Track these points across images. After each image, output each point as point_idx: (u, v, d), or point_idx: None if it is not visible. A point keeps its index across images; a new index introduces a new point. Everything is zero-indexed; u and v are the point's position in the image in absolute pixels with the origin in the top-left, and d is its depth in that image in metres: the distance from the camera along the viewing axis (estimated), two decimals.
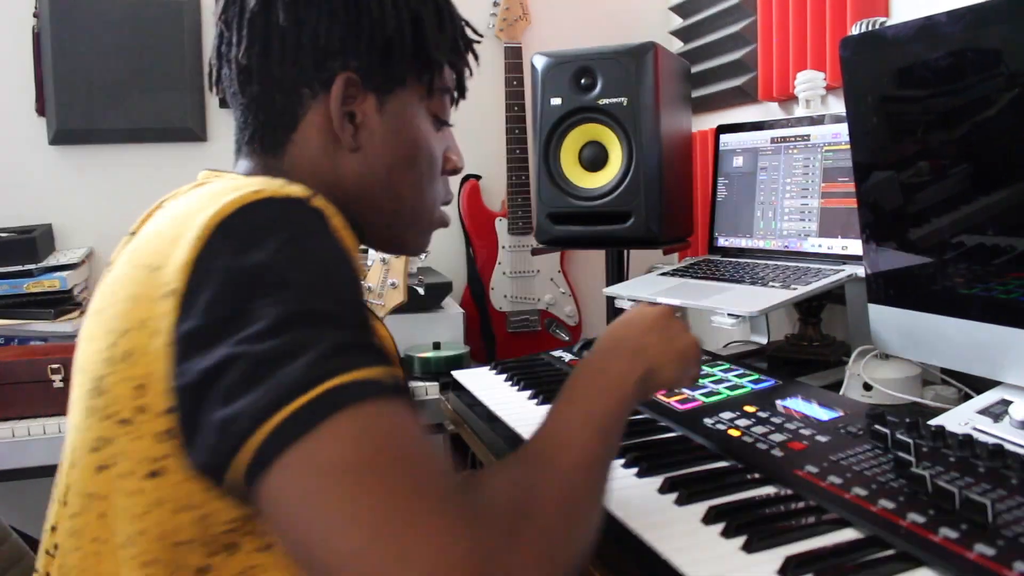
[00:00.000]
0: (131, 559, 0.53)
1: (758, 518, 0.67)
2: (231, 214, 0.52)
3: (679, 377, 0.74)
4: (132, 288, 0.55)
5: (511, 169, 2.14)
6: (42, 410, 1.53)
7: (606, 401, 0.62)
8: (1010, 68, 0.80)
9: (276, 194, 0.54)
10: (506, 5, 2.18)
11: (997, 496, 0.63)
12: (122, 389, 0.53)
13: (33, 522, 2.16)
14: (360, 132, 0.69)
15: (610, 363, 0.67)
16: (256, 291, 0.49)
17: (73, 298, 1.84)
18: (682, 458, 0.82)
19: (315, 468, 0.44)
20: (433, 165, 0.75)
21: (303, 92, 0.68)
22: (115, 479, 0.54)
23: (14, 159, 1.96)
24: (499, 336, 2.21)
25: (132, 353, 0.53)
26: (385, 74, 0.69)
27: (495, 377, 1.23)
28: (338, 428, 0.45)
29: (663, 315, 0.75)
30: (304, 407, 0.45)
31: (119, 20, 1.96)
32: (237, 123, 0.72)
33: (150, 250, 0.56)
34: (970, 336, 0.91)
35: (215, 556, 0.53)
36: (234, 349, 0.47)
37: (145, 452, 0.52)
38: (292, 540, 0.44)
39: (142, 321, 0.53)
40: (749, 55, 1.87)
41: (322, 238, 0.54)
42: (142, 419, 0.52)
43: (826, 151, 1.36)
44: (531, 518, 0.48)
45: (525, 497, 0.50)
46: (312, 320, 0.49)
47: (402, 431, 0.47)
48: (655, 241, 1.64)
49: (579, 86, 1.64)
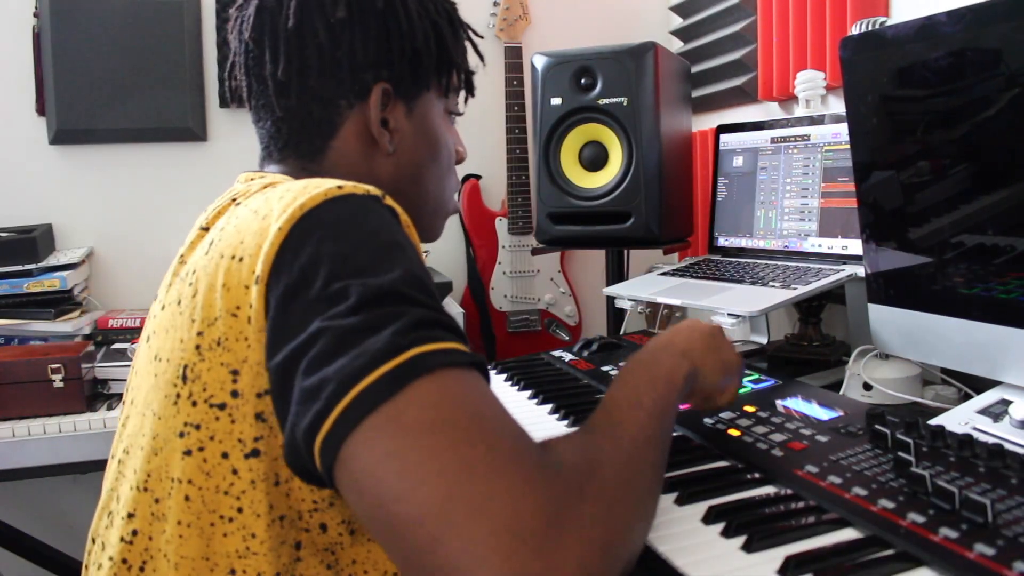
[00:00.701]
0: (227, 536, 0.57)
1: (758, 518, 0.67)
2: (316, 207, 0.56)
3: (721, 385, 0.78)
4: (217, 278, 0.58)
5: (511, 169, 2.14)
6: (42, 410, 1.54)
7: (657, 389, 0.65)
8: (1010, 68, 0.80)
9: (356, 191, 0.59)
10: (506, 5, 2.18)
11: (997, 496, 0.63)
12: (216, 375, 0.57)
13: (33, 522, 2.17)
14: (394, 136, 0.76)
15: (661, 358, 0.71)
16: (341, 275, 0.53)
17: (73, 298, 1.84)
18: (682, 458, 0.82)
19: (399, 428, 0.47)
20: (451, 159, 0.84)
21: (340, 103, 0.74)
22: (203, 463, 0.57)
23: (14, 159, 1.96)
24: (499, 336, 2.21)
25: (225, 339, 0.56)
26: (413, 82, 0.76)
27: (495, 377, 1.23)
28: (421, 391, 0.48)
29: (714, 328, 0.80)
30: (389, 372, 0.48)
31: (119, 20, 1.96)
32: (266, 131, 0.76)
33: (234, 242, 0.59)
34: (970, 336, 0.91)
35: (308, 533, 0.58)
36: (322, 324, 0.51)
37: (242, 434, 0.56)
38: (374, 499, 0.46)
39: (232, 309, 0.56)
40: (749, 55, 1.87)
41: (397, 231, 0.58)
42: (237, 403, 0.56)
43: (826, 151, 1.36)
44: (595, 479, 0.51)
45: (589, 461, 0.53)
46: (394, 299, 0.52)
47: (480, 395, 0.50)
48: (655, 241, 1.64)
49: (579, 86, 1.64)
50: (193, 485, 0.57)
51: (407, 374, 0.48)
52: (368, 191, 0.59)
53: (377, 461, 0.46)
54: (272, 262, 0.55)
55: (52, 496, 1.95)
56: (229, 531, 0.57)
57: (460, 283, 2.22)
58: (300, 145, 0.74)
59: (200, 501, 0.57)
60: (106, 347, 1.78)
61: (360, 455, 0.47)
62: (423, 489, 0.44)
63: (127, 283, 2.03)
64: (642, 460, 0.57)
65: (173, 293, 0.64)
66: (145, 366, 0.65)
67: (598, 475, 0.51)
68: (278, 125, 0.75)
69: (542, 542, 0.43)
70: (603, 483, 0.51)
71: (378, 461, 0.46)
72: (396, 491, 0.45)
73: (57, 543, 1.84)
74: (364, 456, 0.47)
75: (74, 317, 1.80)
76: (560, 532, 0.44)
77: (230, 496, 0.57)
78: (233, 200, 0.69)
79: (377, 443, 0.46)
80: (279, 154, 0.76)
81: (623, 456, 0.55)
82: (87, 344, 1.69)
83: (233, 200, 0.69)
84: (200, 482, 0.57)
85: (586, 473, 0.51)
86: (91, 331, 1.83)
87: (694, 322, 0.80)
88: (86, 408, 1.56)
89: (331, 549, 0.59)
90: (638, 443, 0.58)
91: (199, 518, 0.57)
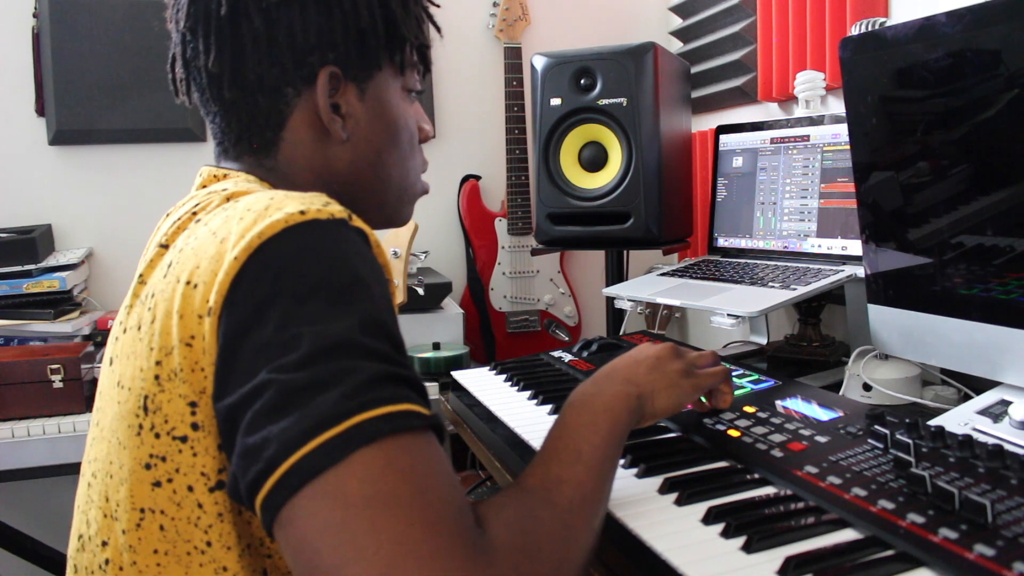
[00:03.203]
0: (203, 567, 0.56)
1: (758, 518, 0.67)
2: (275, 235, 0.53)
3: (673, 404, 0.77)
4: (174, 304, 0.56)
5: (511, 169, 2.14)
6: (42, 410, 1.54)
7: (597, 432, 0.65)
8: (1010, 68, 0.80)
9: (320, 215, 0.54)
10: (506, 5, 2.18)
11: (997, 496, 0.63)
12: (175, 407, 0.55)
13: (32, 522, 2.16)
14: (347, 121, 0.71)
15: (603, 387, 0.72)
16: (295, 319, 0.50)
17: (72, 298, 1.84)
18: (682, 458, 0.82)
19: (339, 500, 0.45)
20: (412, 139, 0.78)
21: (287, 91, 0.69)
22: (172, 495, 0.56)
23: (14, 159, 1.96)
24: (499, 336, 2.21)
25: (181, 370, 0.54)
26: (363, 62, 0.71)
27: (495, 378, 1.23)
28: (364, 461, 0.46)
29: (661, 349, 0.79)
30: (333, 439, 0.46)
31: (119, 20, 1.96)
32: (216, 126, 0.72)
33: (191, 266, 0.56)
34: (970, 336, 0.91)
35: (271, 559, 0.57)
36: (270, 376, 0.49)
37: (204, 467, 0.55)
38: (310, 566, 0.46)
39: (187, 338, 0.54)
40: (749, 55, 1.87)
41: (362, 262, 0.54)
42: (198, 435, 0.54)
43: (826, 151, 1.36)
44: (533, 557, 0.52)
45: (527, 537, 0.53)
46: (347, 351, 0.49)
47: (427, 466, 0.49)
48: (655, 241, 1.64)
49: (579, 86, 1.64)
50: (166, 516, 0.56)
51: (350, 442, 0.46)
52: (332, 214, 0.55)
53: (315, 531, 0.45)
54: (225, 295, 0.52)
55: (52, 496, 1.95)
56: (203, 562, 0.56)
57: (460, 283, 2.22)
58: (251, 139, 0.70)
59: (174, 531, 0.56)
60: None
61: (298, 522, 0.46)
62: (358, 567, 0.44)
63: (126, 284, 1.99)
64: (581, 521, 0.58)
65: (134, 317, 0.62)
66: (108, 391, 0.63)
67: (535, 555, 0.52)
68: (227, 119, 0.70)
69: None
70: (542, 560, 0.52)
71: (316, 531, 0.45)
72: (331, 563, 0.44)
73: (57, 543, 1.84)
74: (302, 524, 0.46)
75: (74, 317, 1.80)
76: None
77: (199, 529, 0.56)
78: (193, 215, 0.66)
79: (316, 512, 0.45)
80: (233, 150, 0.72)
81: (560, 526, 0.56)
82: (87, 344, 1.70)
83: (193, 215, 0.66)
84: (172, 512, 0.56)
85: (523, 552, 0.51)
86: (91, 331, 1.83)
87: (640, 347, 0.80)
88: (86, 408, 1.56)
89: None
90: (574, 506, 0.58)
91: (175, 547, 0.56)
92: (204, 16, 0.68)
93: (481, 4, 2.22)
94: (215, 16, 0.67)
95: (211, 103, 0.71)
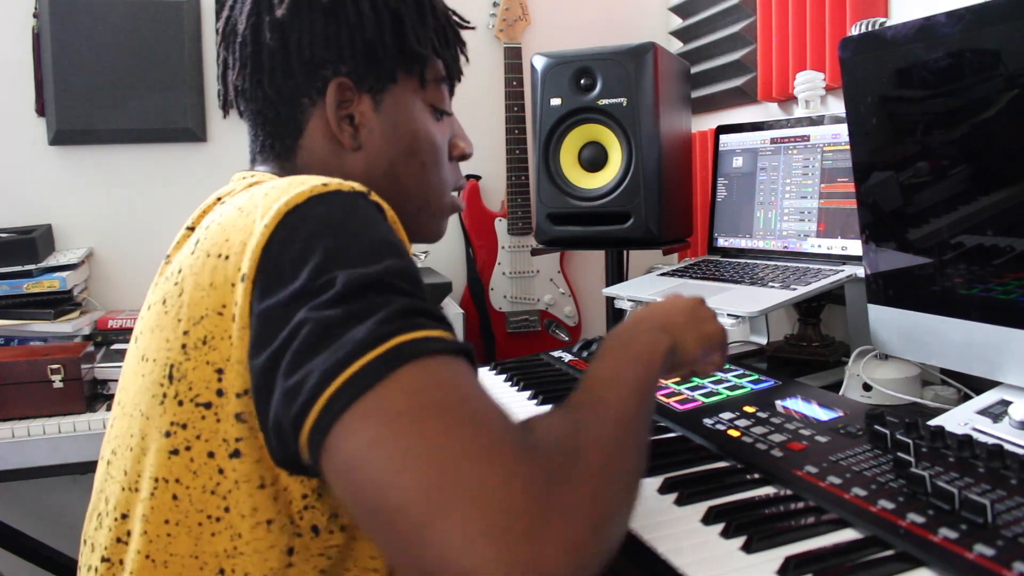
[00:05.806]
0: (215, 536, 0.57)
1: (758, 518, 0.67)
2: (302, 203, 0.56)
3: (702, 358, 0.78)
4: (203, 277, 0.58)
5: (511, 169, 2.14)
6: (42, 410, 1.54)
7: (636, 367, 0.65)
8: (1010, 68, 0.81)
9: (342, 187, 0.58)
10: (506, 5, 2.18)
11: (996, 496, 0.63)
12: (202, 373, 0.57)
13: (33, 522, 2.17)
14: (360, 131, 0.74)
15: (639, 335, 0.70)
16: (328, 267, 0.52)
17: (73, 298, 1.84)
18: (682, 458, 0.82)
19: (384, 415, 0.46)
20: (436, 153, 0.79)
21: (303, 102, 0.74)
22: (189, 463, 0.57)
23: (14, 159, 1.96)
24: (499, 336, 2.21)
25: (211, 338, 0.56)
26: (375, 74, 0.74)
27: (495, 378, 1.23)
28: (405, 378, 0.48)
29: (694, 300, 0.79)
30: (373, 360, 0.48)
31: (119, 20, 1.96)
32: (249, 135, 0.78)
33: (220, 240, 0.59)
34: (969, 336, 0.91)
35: (300, 538, 0.57)
36: (306, 315, 0.51)
37: (226, 433, 0.56)
38: (360, 487, 0.46)
39: (218, 307, 0.56)
40: (749, 56, 1.88)
41: (383, 227, 0.58)
42: (222, 402, 0.56)
43: (826, 151, 1.36)
44: (579, 459, 0.50)
45: (573, 440, 0.52)
46: (380, 289, 0.52)
47: (464, 381, 0.50)
48: (655, 241, 1.64)
49: (579, 86, 1.64)
50: (180, 484, 0.57)
51: (391, 362, 0.48)
52: (353, 188, 0.59)
53: (362, 449, 0.46)
54: (258, 259, 0.55)
55: (52, 496, 1.95)
56: (217, 530, 0.57)
57: (460, 283, 2.22)
58: (275, 146, 0.75)
59: (188, 500, 0.57)
60: (106, 347, 1.78)
61: (345, 444, 0.47)
62: (408, 475, 0.44)
63: (127, 283, 2.03)
64: (626, 438, 0.57)
65: (158, 292, 0.64)
66: (133, 367, 0.65)
67: (584, 456, 0.51)
68: (254, 128, 0.76)
69: (530, 525, 0.43)
70: (589, 464, 0.50)
71: (363, 449, 0.46)
72: (381, 478, 0.45)
73: (57, 543, 1.84)
74: (349, 445, 0.46)
75: (74, 317, 1.80)
76: (548, 514, 0.44)
77: (217, 496, 0.57)
78: (218, 199, 0.69)
79: (362, 431, 0.46)
80: (261, 156, 0.76)
81: (607, 435, 0.55)
82: (87, 344, 1.70)
83: (218, 199, 0.69)
84: (188, 481, 0.57)
85: (572, 454, 0.50)
86: (91, 331, 1.83)
87: (674, 296, 0.80)
88: (86, 408, 1.56)
89: (326, 554, 0.58)
90: (621, 421, 0.57)
91: (187, 517, 0.57)
92: (232, 34, 0.74)
93: (481, 4, 2.22)
94: (240, 34, 0.73)
95: (244, 114, 0.77)
